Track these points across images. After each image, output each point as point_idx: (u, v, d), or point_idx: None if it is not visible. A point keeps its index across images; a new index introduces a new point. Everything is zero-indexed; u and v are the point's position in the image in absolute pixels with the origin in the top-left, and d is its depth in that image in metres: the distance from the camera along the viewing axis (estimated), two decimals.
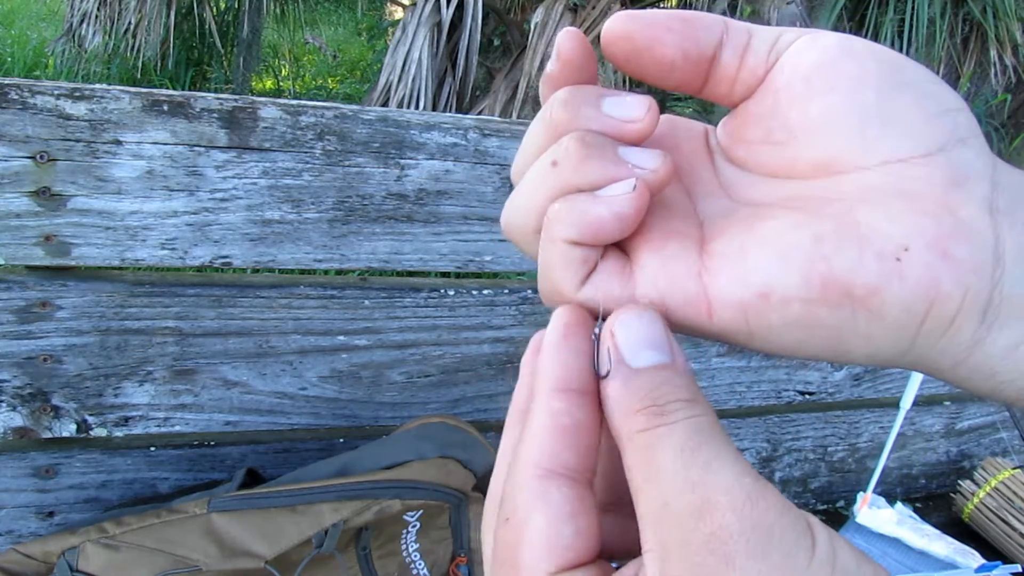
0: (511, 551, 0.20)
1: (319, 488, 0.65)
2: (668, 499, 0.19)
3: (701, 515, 0.18)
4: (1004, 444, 1.14)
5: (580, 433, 0.21)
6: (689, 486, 0.19)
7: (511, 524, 0.21)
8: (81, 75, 4.19)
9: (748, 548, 0.17)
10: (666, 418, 0.20)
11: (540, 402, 0.22)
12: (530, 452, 0.21)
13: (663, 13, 0.23)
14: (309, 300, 0.75)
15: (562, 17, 3.54)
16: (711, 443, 0.19)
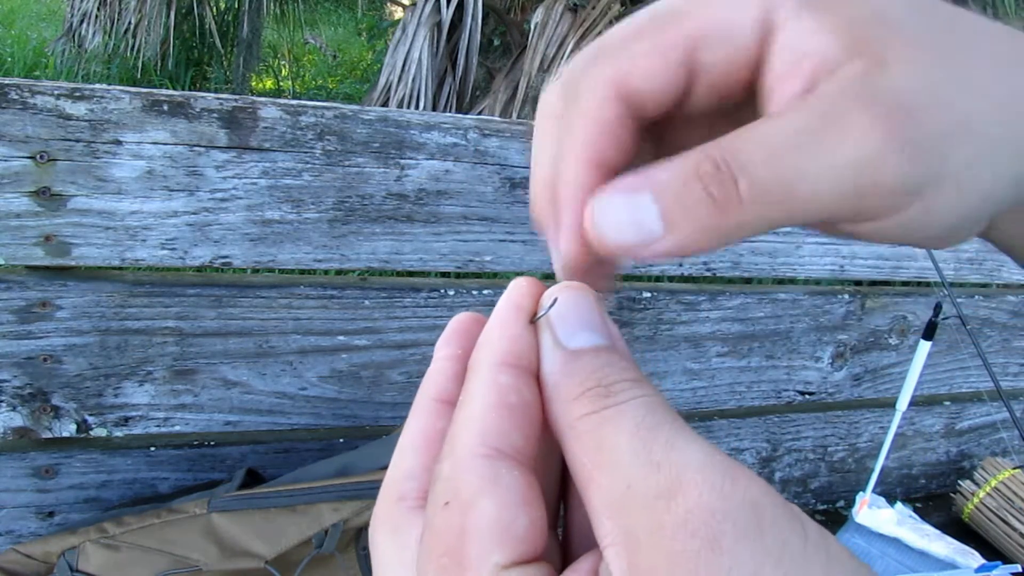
0: (452, 539, 0.17)
1: (319, 488, 0.65)
2: (630, 482, 0.16)
3: (672, 495, 0.15)
4: (1004, 444, 1.14)
5: (528, 415, 0.19)
6: (653, 467, 0.16)
7: (452, 508, 0.18)
8: (81, 75, 4.19)
9: (736, 529, 0.15)
10: (614, 398, 0.18)
11: (484, 376, 0.20)
12: (474, 429, 0.19)
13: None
14: (309, 300, 0.75)
15: (562, 17, 3.54)
16: (670, 423, 0.17)
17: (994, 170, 0.20)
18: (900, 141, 0.18)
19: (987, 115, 0.20)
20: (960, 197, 0.20)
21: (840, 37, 0.20)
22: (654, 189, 0.19)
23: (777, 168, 0.19)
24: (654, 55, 0.21)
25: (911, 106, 0.19)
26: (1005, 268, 1.03)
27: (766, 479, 0.18)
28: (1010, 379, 1.09)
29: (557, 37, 3.55)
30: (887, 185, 0.19)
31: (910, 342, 1.02)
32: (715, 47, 0.21)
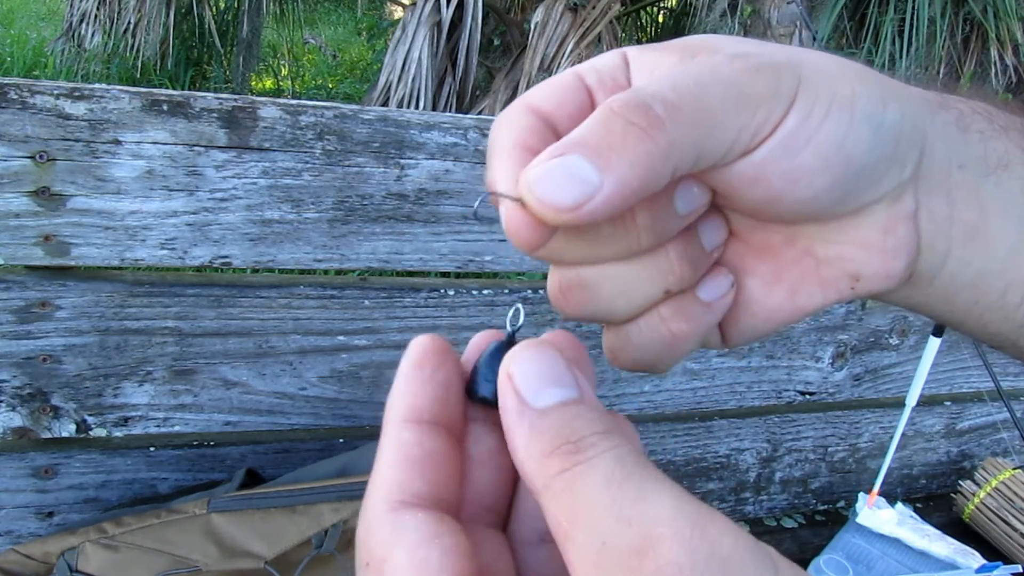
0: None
1: (319, 488, 0.65)
2: (604, 539, 0.17)
3: (643, 552, 0.16)
4: (1004, 444, 1.14)
5: (432, 463, 0.20)
6: (624, 522, 0.17)
7: (371, 569, 0.19)
8: (81, 75, 4.19)
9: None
10: (584, 454, 0.18)
11: (388, 435, 0.21)
12: (378, 488, 0.20)
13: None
14: (309, 300, 0.75)
15: (562, 17, 3.54)
16: (639, 473, 0.18)
17: (854, 89, 0.23)
18: (755, 64, 0.22)
19: (830, 62, 0.24)
20: (830, 105, 0.22)
21: (679, 55, 0.25)
22: (577, 144, 0.21)
23: (682, 91, 0.21)
24: (549, 85, 0.26)
25: (753, 53, 0.23)
26: None
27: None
28: (1011, 379, 1.09)
29: (557, 37, 3.55)
30: (760, 91, 0.22)
31: (911, 342, 1.02)
32: (596, 73, 0.26)
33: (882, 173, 0.24)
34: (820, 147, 0.22)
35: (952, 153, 0.25)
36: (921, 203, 0.25)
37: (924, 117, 0.25)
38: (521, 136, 0.23)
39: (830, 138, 0.22)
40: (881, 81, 0.24)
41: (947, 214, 0.25)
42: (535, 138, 0.23)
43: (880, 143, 0.23)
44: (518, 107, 0.25)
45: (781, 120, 0.22)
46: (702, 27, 3.87)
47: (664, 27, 5.24)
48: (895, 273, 0.26)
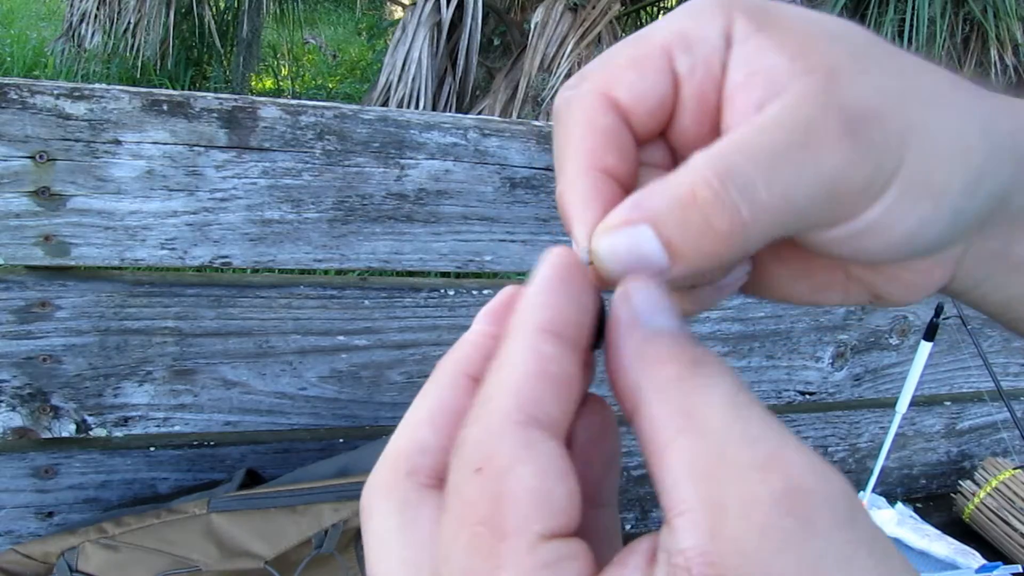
0: (488, 506, 0.16)
1: (319, 488, 0.65)
2: (723, 451, 0.15)
3: (770, 469, 0.15)
4: (1005, 444, 1.14)
5: (568, 388, 0.18)
6: (749, 440, 0.16)
7: (486, 474, 0.17)
8: (80, 75, 4.19)
9: (834, 515, 0.14)
10: (705, 369, 0.17)
11: (524, 343, 0.19)
12: (510, 395, 0.18)
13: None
14: (309, 300, 0.75)
15: (562, 17, 3.54)
16: (760, 407, 0.17)
17: (950, 175, 0.21)
18: (864, 144, 0.19)
19: (942, 120, 0.21)
20: (918, 196, 0.20)
21: (792, 54, 0.21)
22: (651, 220, 0.19)
23: (775, 189, 0.19)
24: (632, 66, 0.22)
25: (867, 111, 0.20)
26: None
27: None
28: (1011, 379, 1.09)
29: (557, 37, 3.55)
30: (856, 184, 0.20)
31: (911, 342, 1.02)
32: (688, 54, 0.22)
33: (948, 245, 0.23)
34: (892, 236, 0.21)
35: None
36: (972, 247, 0.24)
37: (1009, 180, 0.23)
38: (598, 151, 0.21)
39: (907, 229, 0.21)
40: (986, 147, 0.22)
41: (998, 251, 0.25)
42: (614, 154, 0.22)
43: (955, 229, 0.22)
44: (596, 97, 0.22)
45: (864, 210, 0.21)
46: None
47: None
48: (918, 299, 0.25)
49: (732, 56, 0.21)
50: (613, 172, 0.22)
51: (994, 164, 0.22)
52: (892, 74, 0.21)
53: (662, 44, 0.22)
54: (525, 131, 0.77)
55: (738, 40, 0.21)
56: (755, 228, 0.19)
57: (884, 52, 0.22)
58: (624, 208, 0.20)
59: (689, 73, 0.22)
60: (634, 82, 0.22)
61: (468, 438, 0.18)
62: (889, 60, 0.22)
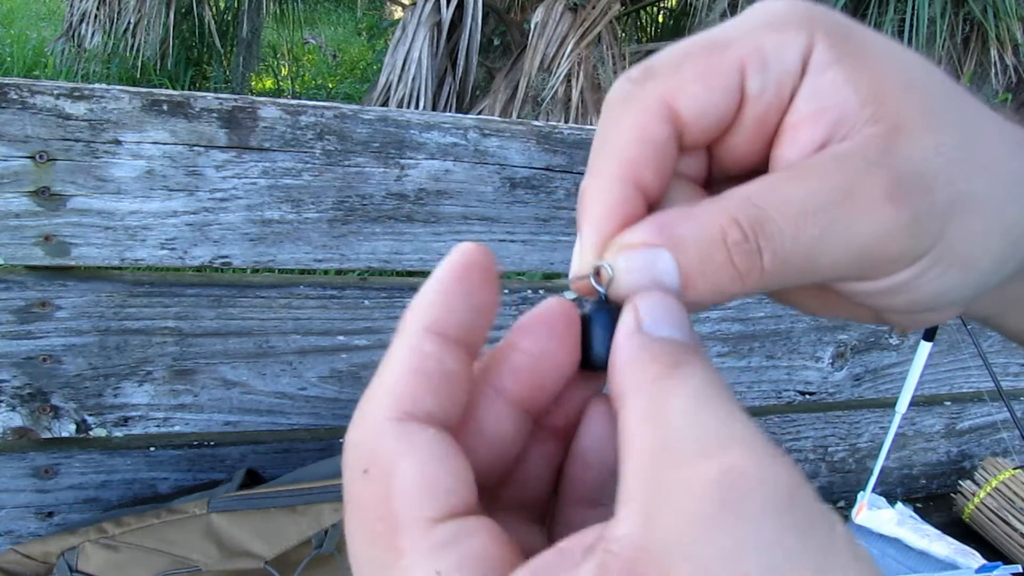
0: (379, 504, 0.17)
1: (319, 488, 0.65)
2: (669, 439, 0.16)
3: (708, 455, 0.15)
4: (1005, 444, 1.14)
5: (449, 383, 0.19)
6: (698, 430, 0.16)
7: (371, 477, 0.17)
8: (80, 75, 4.19)
9: (765, 501, 0.14)
10: (682, 369, 0.18)
11: (405, 340, 0.19)
12: (386, 394, 0.18)
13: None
14: (309, 300, 0.75)
15: (562, 17, 3.54)
16: (728, 400, 0.17)
17: (985, 251, 0.21)
18: (907, 216, 0.19)
19: (991, 192, 0.21)
20: (950, 267, 0.21)
21: (864, 97, 0.20)
22: (674, 245, 0.20)
23: (801, 244, 0.19)
24: (703, 77, 0.21)
25: (919, 177, 0.20)
26: None
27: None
28: (1011, 379, 1.09)
29: (557, 37, 3.55)
30: (891, 254, 0.20)
31: (911, 342, 1.02)
32: (762, 73, 0.21)
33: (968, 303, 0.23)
34: (918, 297, 0.21)
35: None
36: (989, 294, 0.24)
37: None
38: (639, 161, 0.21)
39: (933, 292, 0.21)
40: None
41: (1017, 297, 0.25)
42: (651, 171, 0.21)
43: (980, 292, 0.22)
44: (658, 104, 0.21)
45: (895, 272, 0.21)
46: (702, 27, 3.86)
47: (664, 27, 5.24)
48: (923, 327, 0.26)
49: (805, 84, 0.21)
50: (645, 187, 0.21)
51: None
52: (956, 131, 0.21)
53: (738, 58, 0.21)
54: (525, 131, 0.77)
55: (815, 68, 0.21)
56: (773, 276, 0.20)
57: (955, 103, 0.21)
58: (648, 229, 0.20)
59: (758, 95, 0.21)
60: (699, 96, 0.21)
61: (352, 440, 0.18)
62: (958, 113, 0.21)
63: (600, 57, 3.61)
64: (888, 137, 0.20)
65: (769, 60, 0.21)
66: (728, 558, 0.14)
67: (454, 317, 0.19)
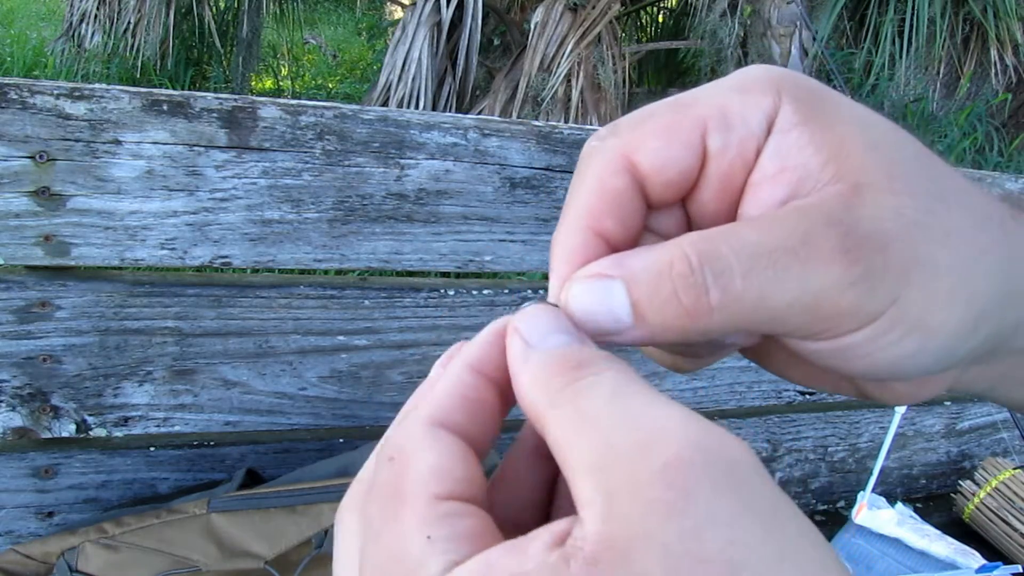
0: (392, 485, 0.19)
1: (319, 488, 0.65)
2: (609, 441, 0.16)
3: (649, 447, 0.16)
4: (1005, 444, 1.14)
5: (481, 410, 0.21)
6: (631, 423, 0.16)
7: (396, 462, 0.19)
8: (80, 75, 4.19)
9: (712, 481, 0.15)
10: (589, 368, 0.18)
11: (452, 371, 0.21)
12: (425, 405, 0.20)
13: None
14: (309, 300, 0.75)
15: (562, 17, 3.54)
16: (647, 389, 0.18)
17: (947, 319, 0.21)
18: (859, 271, 0.20)
19: (954, 259, 0.21)
20: (908, 332, 0.21)
21: (827, 157, 0.21)
22: (626, 278, 0.20)
23: (751, 283, 0.20)
24: (664, 133, 0.22)
25: (876, 236, 0.20)
26: None
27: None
28: None
29: (557, 37, 3.55)
30: (842, 307, 0.20)
31: None
32: (724, 132, 0.21)
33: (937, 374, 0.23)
34: (879, 363, 0.21)
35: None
36: (972, 369, 0.24)
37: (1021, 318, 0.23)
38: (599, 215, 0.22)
39: (890, 359, 0.21)
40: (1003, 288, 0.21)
41: (1003, 373, 0.25)
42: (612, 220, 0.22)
43: (945, 362, 0.22)
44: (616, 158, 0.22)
45: (848, 333, 0.21)
46: (702, 27, 3.87)
47: (664, 27, 5.24)
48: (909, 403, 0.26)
49: (769, 144, 0.21)
50: (607, 235, 0.22)
51: (1000, 309, 0.22)
52: (920, 195, 0.21)
53: (700, 117, 0.22)
54: (525, 131, 0.77)
55: (780, 129, 0.21)
56: (721, 315, 0.20)
57: (923, 169, 0.21)
58: (604, 262, 0.21)
59: (720, 152, 0.22)
60: (659, 150, 0.22)
61: (388, 437, 0.21)
62: (925, 180, 0.21)
63: (600, 57, 3.61)
64: (848, 196, 0.20)
65: (732, 120, 0.21)
66: (688, 538, 0.14)
67: (490, 359, 0.21)
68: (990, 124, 3.83)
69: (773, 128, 0.21)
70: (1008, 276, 0.22)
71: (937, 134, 3.69)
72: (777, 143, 0.21)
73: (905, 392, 0.25)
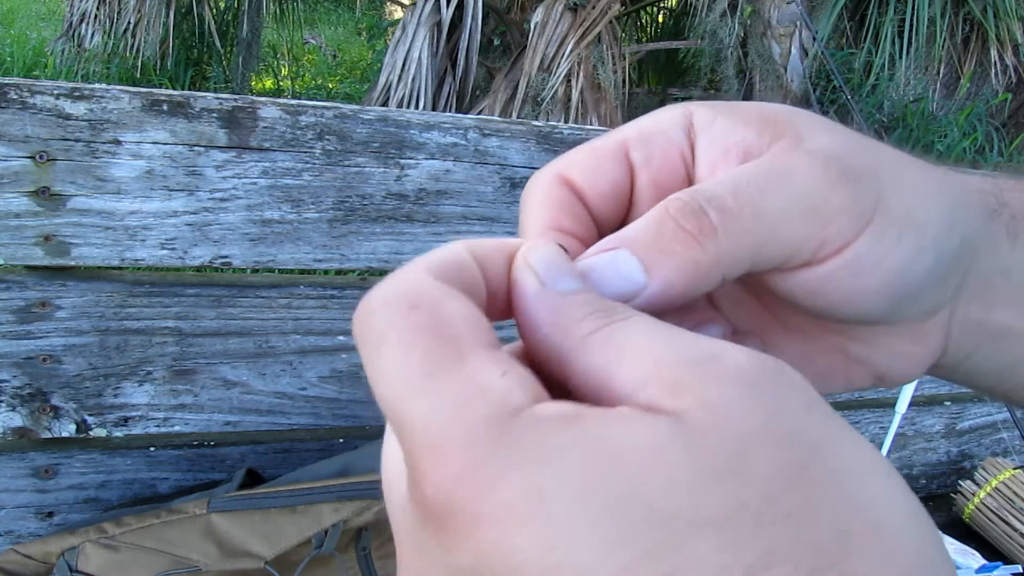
0: (434, 328, 0.17)
1: (319, 488, 0.65)
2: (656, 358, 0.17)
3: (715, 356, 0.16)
4: (1005, 444, 1.14)
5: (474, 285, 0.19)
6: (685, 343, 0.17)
7: (422, 308, 0.17)
8: (80, 75, 4.19)
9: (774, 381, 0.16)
10: (618, 315, 0.18)
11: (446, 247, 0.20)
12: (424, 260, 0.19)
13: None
14: (309, 300, 0.75)
15: (562, 17, 3.54)
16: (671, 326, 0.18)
17: (929, 209, 0.22)
18: (835, 174, 0.21)
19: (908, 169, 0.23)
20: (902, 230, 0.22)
21: (759, 128, 0.23)
22: (626, 243, 0.21)
23: (743, 200, 0.21)
24: (590, 153, 0.24)
25: (837, 155, 0.22)
26: None
27: None
28: None
29: (557, 37, 3.55)
30: (835, 205, 0.21)
31: None
32: (643, 146, 0.24)
33: (931, 293, 0.24)
34: (886, 273, 0.22)
35: (998, 261, 0.25)
36: (956, 311, 0.25)
37: (978, 231, 0.24)
38: (554, 215, 0.23)
39: (897, 264, 0.22)
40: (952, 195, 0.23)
41: (981, 319, 0.25)
42: (569, 218, 0.23)
43: (938, 268, 0.23)
44: (551, 176, 0.24)
45: (853, 240, 0.21)
46: (702, 27, 3.87)
47: (664, 27, 5.24)
48: (917, 374, 0.27)
49: (700, 141, 0.24)
50: (571, 232, 0.23)
51: (963, 209, 0.24)
52: (850, 137, 0.23)
53: (621, 139, 0.24)
54: (525, 131, 0.77)
55: (702, 127, 0.24)
56: (726, 234, 0.20)
57: (841, 128, 0.24)
58: (601, 243, 0.22)
59: (644, 163, 0.24)
60: (587, 166, 0.24)
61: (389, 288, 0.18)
62: (847, 132, 0.23)
63: (600, 57, 3.61)
64: (798, 141, 0.22)
65: (648, 135, 0.24)
66: (786, 418, 0.16)
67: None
68: (990, 124, 3.83)
69: (695, 131, 0.24)
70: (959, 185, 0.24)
71: (937, 134, 3.69)
72: (707, 136, 0.23)
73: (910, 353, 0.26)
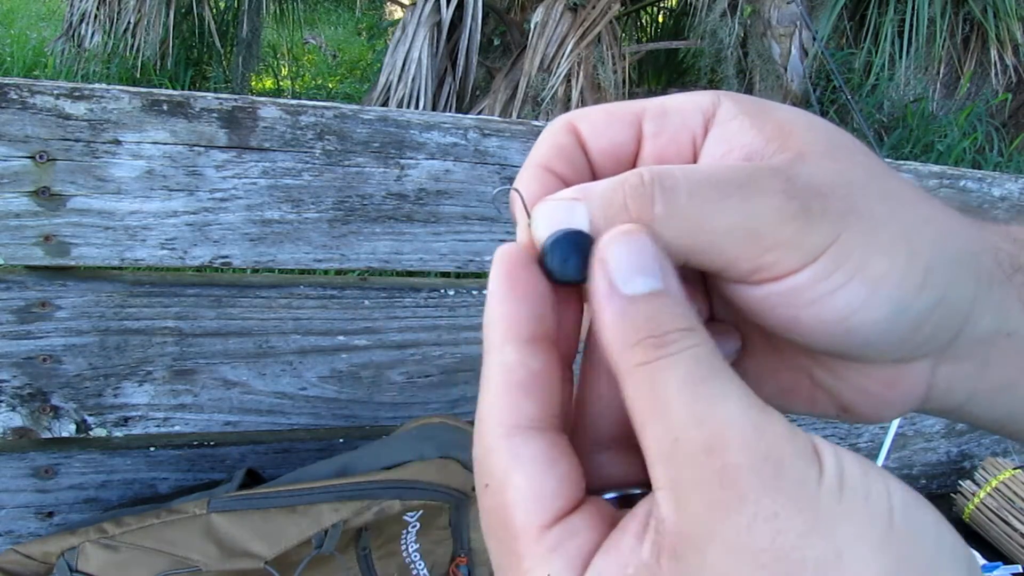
0: (499, 516, 0.20)
1: (319, 488, 0.65)
2: (677, 435, 0.18)
3: (711, 451, 0.18)
4: (1005, 444, 1.14)
5: (538, 382, 0.21)
6: (696, 421, 0.18)
7: (491, 490, 0.20)
8: (80, 75, 4.19)
9: (759, 482, 0.17)
10: (666, 349, 0.19)
11: (492, 358, 0.21)
12: (491, 412, 0.21)
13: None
14: (309, 300, 0.75)
15: (562, 17, 3.54)
16: (715, 375, 0.19)
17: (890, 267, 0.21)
18: (796, 205, 0.21)
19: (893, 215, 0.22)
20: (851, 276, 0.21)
21: (769, 136, 0.23)
22: (586, 198, 0.22)
23: (695, 203, 0.21)
24: (605, 112, 0.25)
25: (815, 188, 0.21)
26: None
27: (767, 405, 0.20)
28: None
29: (557, 37, 3.55)
30: (781, 236, 0.21)
31: None
32: (659, 120, 0.24)
33: (893, 345, 0.23)
34: (825, 312, 0.21)
35: (1002, 322, 0.24)
36: (941, 366, 0.24)
37: (977, 295, 0.23)
38: (550, 155, 0.24)
39: (839, 307, 0.21)
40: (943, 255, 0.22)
41: (975, 374, 0.24)
42: (563, 162, 0.24)
43: (898, 325, 0.22)
44: (562, 122, 0.25)
45: (792, 272, 0.21)
46: (702, 27, 3.87)
47: (664, 27, 5.24)
48: (889, 417, 0.26)
49: (712, 133, 0.24)
50: (560, 175, 0.24)
51: (950, 275, 0.22)
52: (860, 166, 0.23)
53: (639, 108, 0.25)
54: (525, 131, 0.77)
55: (720, 120, 0.24)
56: (663, 227, 0.21)
57: (860, 150, 0.23)
58: (569, 190, 0.23)
59: (653, 136, 0.24)
60: (597, 121, 0.25)
61: (475, 456, 0.21)
62: (863, 156, 0.23)
63: (600, 57, 3.61)
64: (793, 160, 0.22)
65: (668, 111, 0.24)
66: (743, 533, 0.17)
67: (518, 319, 0.22)
68: (990, 124, 3.82)
69: (714, 121, 0.24)
70: (956, 246, 0.23)
71: (937, 134, 3.69)
72: (720, 131, 0.24)
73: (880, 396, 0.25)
